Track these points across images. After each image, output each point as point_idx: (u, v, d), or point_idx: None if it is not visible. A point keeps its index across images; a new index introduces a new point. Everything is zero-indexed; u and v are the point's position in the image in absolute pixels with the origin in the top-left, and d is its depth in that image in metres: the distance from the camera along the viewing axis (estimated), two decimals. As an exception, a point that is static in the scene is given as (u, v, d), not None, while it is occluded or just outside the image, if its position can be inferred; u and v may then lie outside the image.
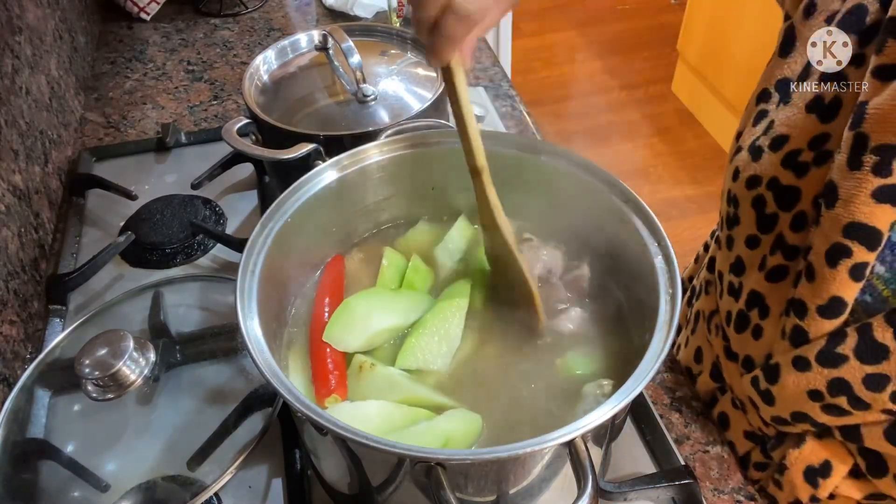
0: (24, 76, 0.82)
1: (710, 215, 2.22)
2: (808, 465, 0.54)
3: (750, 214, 0.53)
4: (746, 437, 0.59)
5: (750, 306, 0.55)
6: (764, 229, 0.52)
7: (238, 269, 0.47)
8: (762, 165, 0.51)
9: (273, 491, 0.57)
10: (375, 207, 0.62)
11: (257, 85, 0.78)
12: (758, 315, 0.54)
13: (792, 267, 0.51)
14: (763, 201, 0.52)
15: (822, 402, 0.49)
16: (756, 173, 0.52)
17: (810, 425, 0.52)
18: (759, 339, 0.54)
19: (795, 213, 0.50)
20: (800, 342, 0.50)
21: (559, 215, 0.59)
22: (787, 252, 0.51)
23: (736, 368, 0.58)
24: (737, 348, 0.58)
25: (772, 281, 0.52)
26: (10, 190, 0.72)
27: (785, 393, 0.51)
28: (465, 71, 0.50)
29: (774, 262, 0.52)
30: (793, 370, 0.50)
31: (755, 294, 0.54)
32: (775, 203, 0.51)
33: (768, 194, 0.51)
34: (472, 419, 0.49)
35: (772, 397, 0.53)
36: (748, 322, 0.55)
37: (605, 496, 0.53)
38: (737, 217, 0.55)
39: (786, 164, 0.50)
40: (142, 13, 1.23)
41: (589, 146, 2.48)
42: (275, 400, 0.56)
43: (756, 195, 0.52)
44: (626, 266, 0.53)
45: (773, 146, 0.51)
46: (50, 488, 0.54)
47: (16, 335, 0.67)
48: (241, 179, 0.88)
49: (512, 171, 0.59)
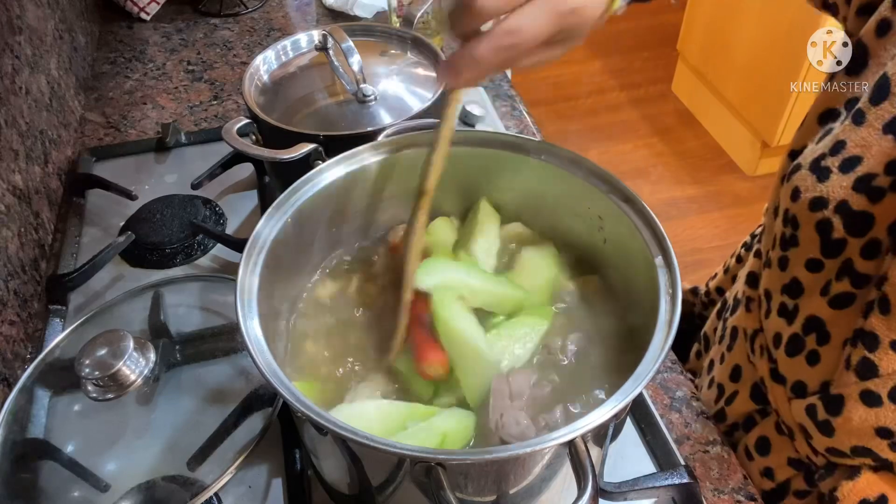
0: (24, 76, 0.82)
1: (711, 215, 2.22)
2: (863, 497, 0.51)
3: (812, 238, 0.50)
4: (789, 464, 0.57)
5: (807, 331, 0.52)
6: (829, 254, 0.49)
7: (238, 269, 0.47)
8: (829, 187, 0.48)
9: (273, 491, 0.57)
10: (376, 207, 0.62)
11: (257, 85, 0.78)
12: (815, 340, 0.52)
13: (860, 295, 0.48)
14: (829, 225, 0.48)
15: (891, 440, 0.47)
16: (822, 195, 0.49)
17: (871, 460, 0.50)
18: (815, 365, 0.52)
19: (867, 240, 0.47)
20: (868, 376, 0.48)
21: (558, 215, 0.59)
22: (855, 279, 0.48)
23: (783, 392, 0.56)
24: (786, 372, 0.55)
25: (836, 308, 0.50)
26: (10, 190, 0.72)
27: (848, 427, 0.49)
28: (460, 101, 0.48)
29: (840, 289, 0.49)
30: (860, 404, 0.48)
31: (814, 319, 0.51)
32: (844, 228, 0.48)
33: (836, 218, 0.48)
34: (466, 416, 0.48)
35: (831, 429, 0.50)
36: (803, 346, 0.53)
37: (605, 496, 0.53)
38: (795, 238, 0.52)
39: (858, 187, 0.47)
40: (142, 13, 1.23)
41: (589, 146, 2.49)
42: (275, 400, 0.56)
43: (821, 218, 0.49)
44: (626, 266, 0.53)
45: (843, 168, 0.48)
46: (50, 488, 0.54)
47: (16, 335, 0.67)
48: (241, 179, 0.88)
49: (511, 171, 0.59)
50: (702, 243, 2.13)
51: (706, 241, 2.14)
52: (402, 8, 1.02)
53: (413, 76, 0.78)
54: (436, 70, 0.77)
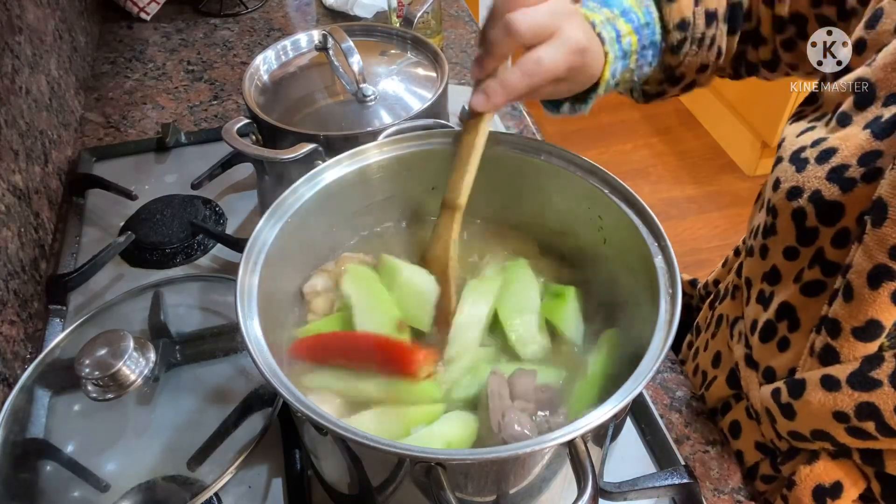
0: (24, 76, 0.82)
1: (711, 215, 2.22)
2: (818, 483, 0.52)
3: (789, 226, 0.52)
4: (757, 448, 0.58)
5: (779, 317, 0.54)
6: (803, 242, 0.51)
7: (238, 269, 0.47)
8: (805, 177, 0.50)
9: (273, 491, 0.57)
10: (375, 207, 0.62)
11: (257, 85, 0.78)
12: (787, 327, 0.53)
13: (829, 283, 0.49)
14: (804, 214, 0.50)
15: (847, 425, 0.48)
16: (797, 184, 0.50)
17: (830, 444, 0.51)
18: (785, 351, 0.53)
19: (838, 229, 0.48)
20: (830, 361, 0.49)
21: (558, 215, 0.59)
22: (825, 268, 0.49)
23: (755, 377, 0.57)
24: (759, 357, 0.57)
25: (806, 295, 0.51)
26: (10, 190, 0.72)
27: (808, 410, 0.50)
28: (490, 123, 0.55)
29: (811, 276, 0.51)
30: (820, 388, 0.49)
31: (787, 306, 0.53)
32: (816, 217, 0.49)
33: (809, 207, 0.49)
34: (469, 419, 0.48)
35: (793, 412, 0.51)
36: (775, 333, 0.54)
37: (605, 496, 0.53)
38: (774, 227, 0.53)
39: (831, 177, 0.48)
40: (142, 13, 1.23)
41: (589, 146, 2.49)
42: (275, 400, 0.56)
43: (796, 207, 0.50)
44: (626, 266, 0.53)
45: (819, 159, 0.49)
46: (50, 488, 0.54)
47: (16, 335, 0.67)
48: (241, 179, 0.88)
49: (511, 171, 0.59)
50: (701, 243, 2.13)
51: (706, 240, 2.14)
52: (402, 8, 1.02)
53: (413, 76, 0.78)
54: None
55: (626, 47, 0.56)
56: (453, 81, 1.05)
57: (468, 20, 1.24)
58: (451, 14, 1.25)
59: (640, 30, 0.57)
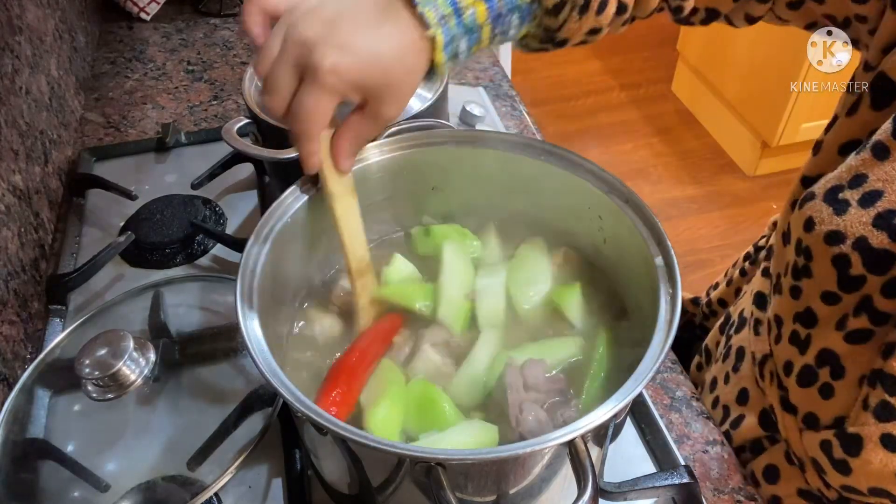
0: (24, 76, 0.82)
1: (711, 215, 2.22)
2: None
3: (829, 271, 0.48)
4: (800, 495, 0.56)
5: (820, 363, 0.51)
6: (846, 289, 0.48)
7: (238, 269, 0.47)
8: (847, 222, 0.46)
9: (273, 491, 0.57)
10: (375, 207, 0.62)
11: (257, 85, 0.77)
12: (829, 374, 0.50)
13: (879, 332, 0.47)
14: (847, 261, 0.46)
15: None
16: (839, 229, 0.47)
17: (889, 501, 0.49)
18: (829, 398, 0.51)
19: (889, 279, 0.45)
20: (887, 418, 0.46)
21: (558, 215, 0.59)
22: (874, 316, 0.47)
23: (794, 422, 0.54)
24: (797, 402, 0.54)
25: (852, 343, 0.48)
26: (10, 190, 0.72)
27: (868, 469, 0.48)
28: (350, 189, 0.51)
29: (858, 325, 0.47)
30: (881, 448, 0.46)
31: (828, 352, 0.50)
32: (864, 266, 0.46)
33: (855, 255, 0.46)
34: (489, 430, 0.46)
35: (848, 468, 0.49)
36: (816, 378, 0.51)
37: (606, 496, 0.53)
38: (808, 269, 0.50)
39: (879, 224, 0.45)
40: (142, 13, 1.23)
41: (589, 146, 2.49)
42: (275, 400, 0.56)
43: (838, 253, 0.47)
44: (626, 266, 0.53)
45: (862, 202, 0.46)
46: (50, 488, 0.54)
47: (16, 335, 0.67)
48: (241, 179, 0.88)
49: (511, 171, 0.59)
50: (702, 243, 2.13)
51: (706, 241, 2.14)
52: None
53: (413, 76, 0.78)
54: None
55: (468, 22, 0.46)
56: (453, 81, 1.05)
57: (468, 20, 1.24)
58: (451, 14, 1.25)
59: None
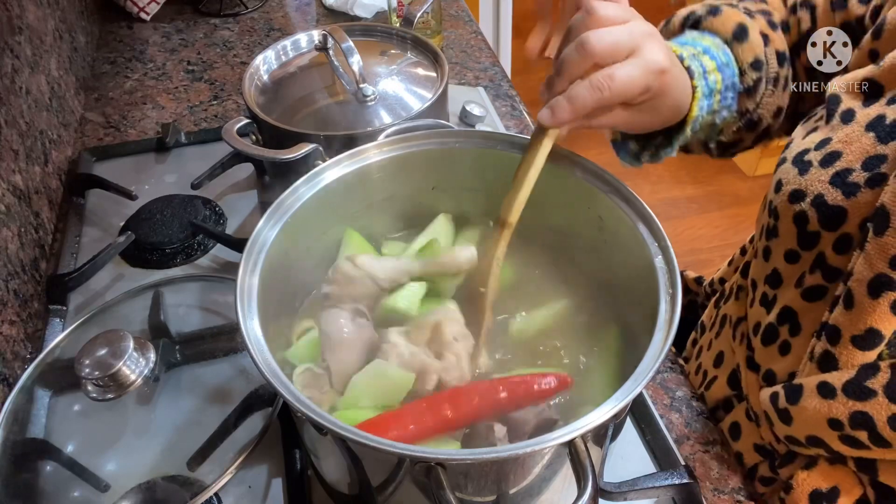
0: (24, 76, 0.82)
1: (711, 215, 2.22)
2: (815, 488, 0.52)
3: (791, 229, 0.51)
4: (756, 450, 0.58)
5: (781, 321, 0.53)
6: (805, 246, 0.51)
7: (238, 269, 0.47)
8: (808, 180, 0.49)
9: (273, 491, 0.57)
10: (375, 207, 0.62)
11: (257, 85, 0.78)
12: (788, 331, 0.53)
13: (831, 289, 0.49)
14: (805, 218, 0.49)
15: (841, 433, 0.48)
16: (800, 188, 0.50)
17: (824, 451, 0.51)
18: (786, 355, 0.53)
19: (840, 235, 0.48)
20: (828, 368, 0.48)
21: (558, 215, 0.59)
22: (827, 273, 0.49)
23: (756, 380, 0.57)
24: (760, 360, 0.57)
25: (808, 300, 0.51)
26: (10, 190, 0.72)
27: (803, 416, 0.50)
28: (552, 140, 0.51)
29: (813, 282, 0.50)
30: (816, 395, 0.48)
31: (788, 310, 0.53)
32: (819, 222, 0.49)
33: (812, 211, 0.49)
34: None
35: (789, 417, 0.51)
36: (777, 336, 0.54)
37: (605, 496, 0.53)
38: (776, 229, 0.53)
39: (835, 182, 0.48)
40: (142, 13, 1.23)
41: (589, 146, 2.47)
42: (275, 400, 0.56)
43: (798, 211, 0.50)
44: (626, 266, 0.53)
45: (823, 162, 0.49)
46: (50, 488, 0.54)
47: (16, 335, 0.67)
48: (241, 179, 0.88)
49: (511, 171, 0.58)
50: (702, 243, 2.13)
51: (706, 240, 2.14)
52: (402, 8, 1.02)
53: (413, 76, 0.78)
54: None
55: (711, 84, 0.54)
56: (453, 81, 1.05)
57: (468, 20, 1.24)
58: (451, 14, 1.25)
59: (723, 69, 0.55)
